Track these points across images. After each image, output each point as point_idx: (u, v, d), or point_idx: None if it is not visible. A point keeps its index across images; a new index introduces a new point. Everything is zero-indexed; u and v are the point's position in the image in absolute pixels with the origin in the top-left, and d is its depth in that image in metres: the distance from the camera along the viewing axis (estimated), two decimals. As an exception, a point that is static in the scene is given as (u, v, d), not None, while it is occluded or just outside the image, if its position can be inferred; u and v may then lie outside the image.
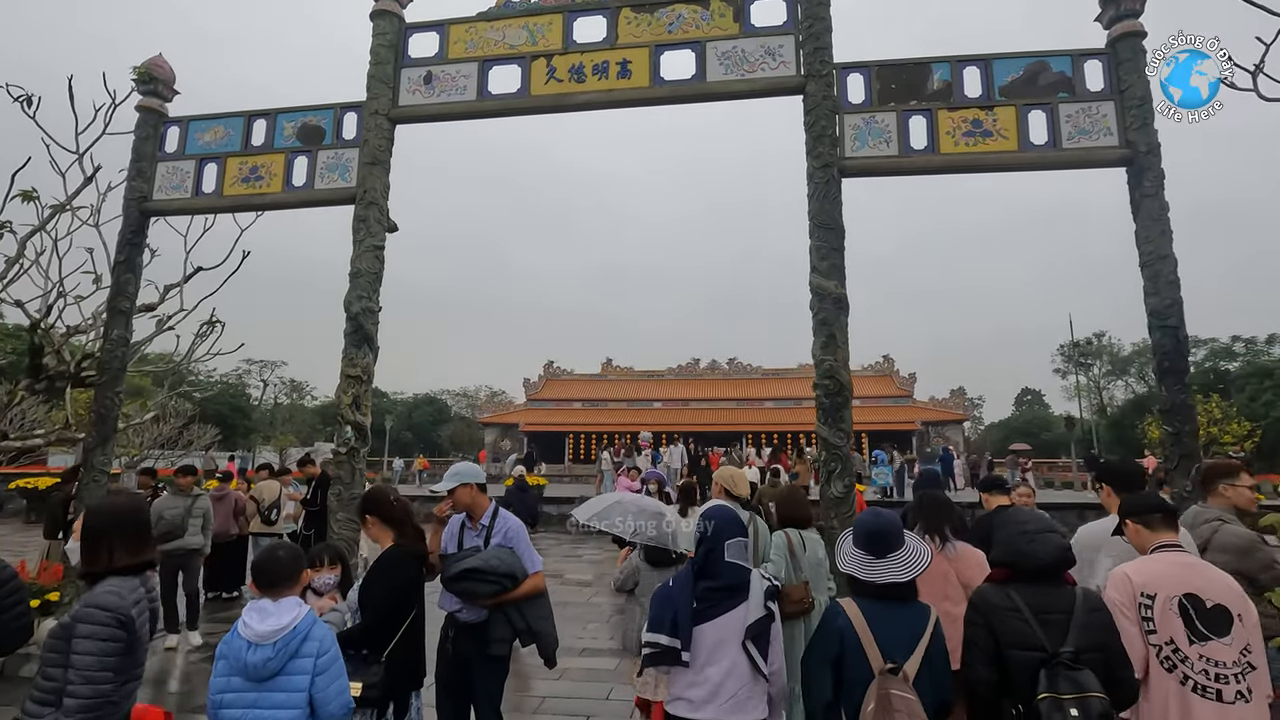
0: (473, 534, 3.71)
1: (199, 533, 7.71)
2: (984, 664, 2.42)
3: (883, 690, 2.24)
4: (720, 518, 2.82)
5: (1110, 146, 5.84)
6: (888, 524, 2.58)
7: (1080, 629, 2.28)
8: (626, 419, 45.52)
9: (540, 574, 3.69)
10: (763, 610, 2.64)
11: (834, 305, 5.79)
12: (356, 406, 6.31)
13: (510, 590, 3.48)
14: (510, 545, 3.64)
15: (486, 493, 3.86)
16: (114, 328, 7.04)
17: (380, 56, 6.92)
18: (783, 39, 6.40)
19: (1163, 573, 2.56)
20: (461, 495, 3.73)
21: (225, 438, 39.84)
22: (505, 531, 3.68)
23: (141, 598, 2.44)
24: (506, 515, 3.76)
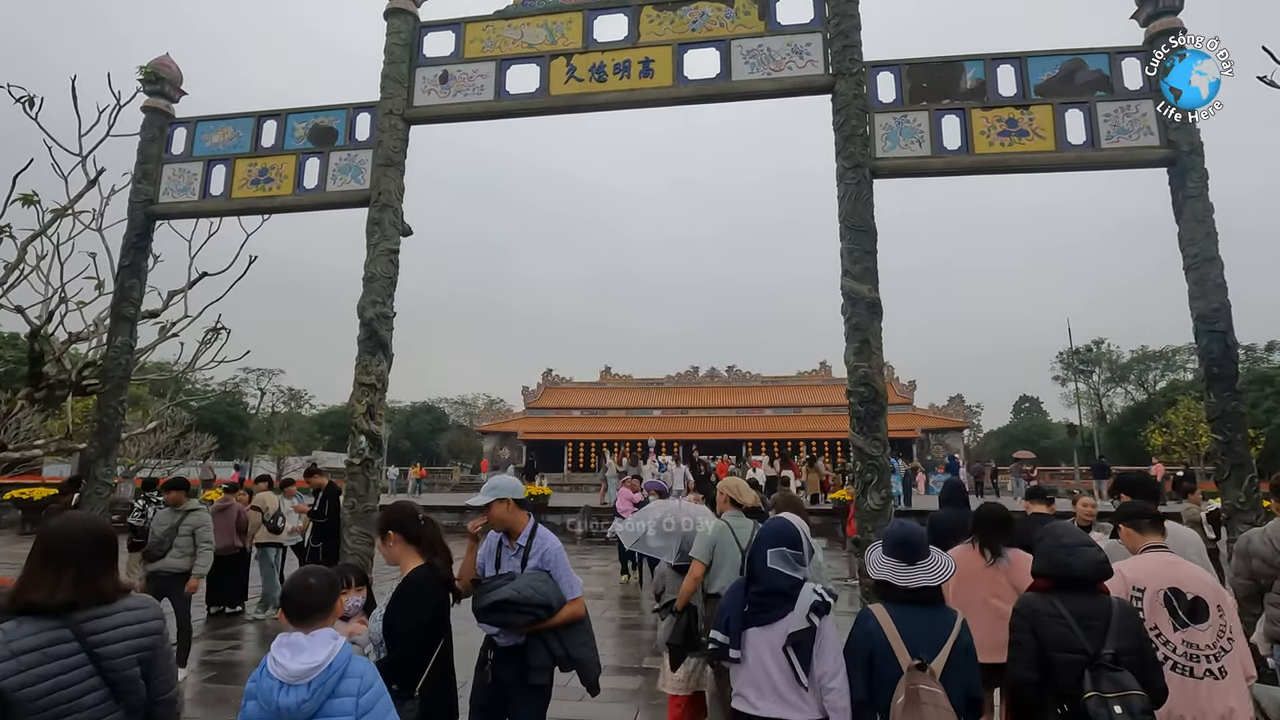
0: (510, 554, 3.46)
1: (184, 554, 6.39)
2: (1028, 665, 2.59)
3: (911, 685, 2.41)
4: (766, 530, 2.99)
5: (1151, 146, 5.67)
6: (916, 534, 2.76)
7: (1117, 634, 2.46)
8: (626, 427, 45.32)
9: (579, 600, 3.43)
10: (804, 623, 2.72)
11: (867, 310, 5.60)
12: (371, 415, 6.09)
13: (546, 620, 3.25)
14: (547, 569, 3.38)
15: (527, 508, 3.59)
16: (118, 334, 6.81)
17: (395, 55, 6.74)
18: (810, 37, 6.24)
19: (1151, 570, 2.96)
20: (498, 511, 3.44)
21: (222, 447, 39.47)
22: (543, 554, 3.42)
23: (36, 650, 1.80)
24: (545, 535, 3.51)
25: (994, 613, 3.71)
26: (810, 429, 44.47)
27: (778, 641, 2.73)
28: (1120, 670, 2.39)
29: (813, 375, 53.02)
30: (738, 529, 4.41)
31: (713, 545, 4.38)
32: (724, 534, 4.40)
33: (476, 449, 52.94)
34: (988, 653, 3.41)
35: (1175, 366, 59.47)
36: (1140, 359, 61.31)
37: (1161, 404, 50.68)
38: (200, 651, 7.32)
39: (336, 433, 61.11)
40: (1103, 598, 2.58)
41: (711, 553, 4.35)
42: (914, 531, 2.77)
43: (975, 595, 3.82)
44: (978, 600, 3.82)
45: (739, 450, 40.12)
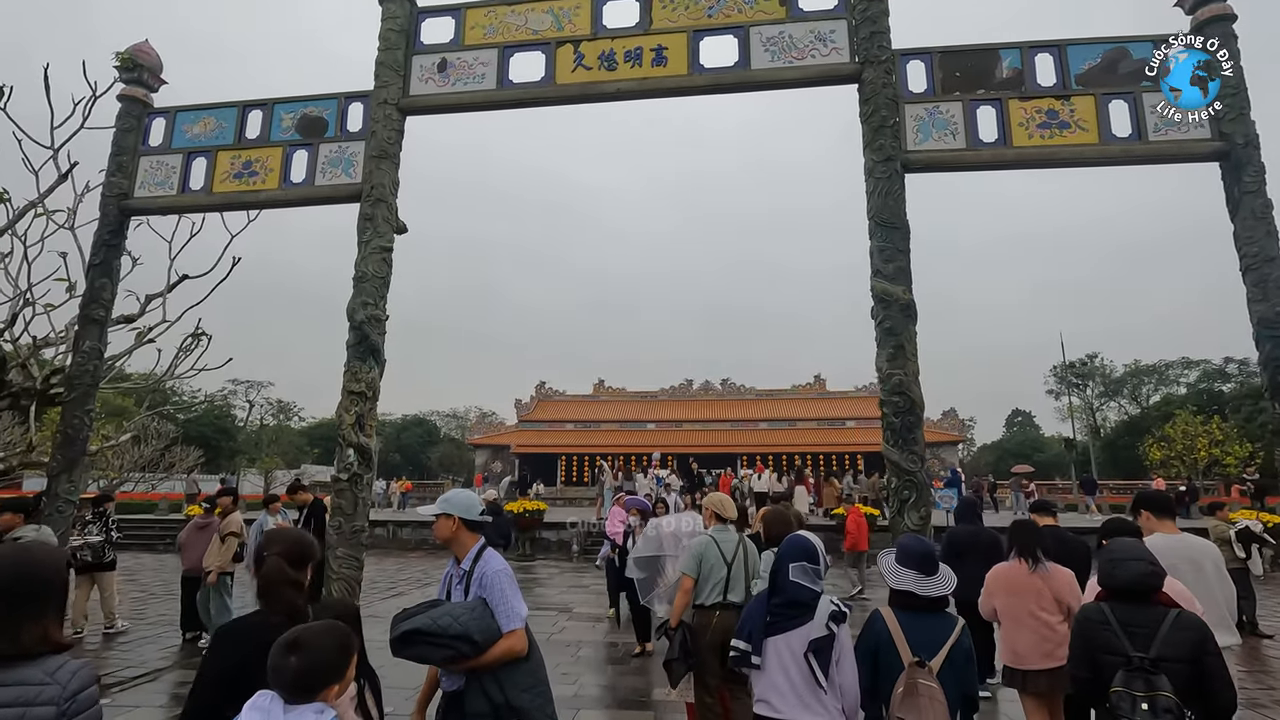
0: (457, 580, 3.03)
1: None
2: (1078, 665, 2.88)
3: (910, 679, 2.74)
4: (787, 545, 3.16)
5: (1202, 139, 5.30)
6: (931, 548, 3.08)
7: (1164, 642, 2.65)
8: (619, 440, 44.81)
9: (517, 633, 2.85)
10: (824, 630, 2.92)
11: (901, 312, 5.17)
12: (360, 427, 5.59)
13: (472, 656, 2.75)
14: (484, 594, 2.89)
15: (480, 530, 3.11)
16: (86, 338, 6.29)
17: (390, 41, 6.32)
18: (834, 24, 5.87)
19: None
20: (440, 528, 3.03)
21: (209, 460, 38.63)
22: (481, 577, 2.95)
23: None
24: (489, 557, 3.03)
25: (1041, 624, 4.15)
26: (805, 442, 44.13)
27: (798, 648, 2.93)
28: (1158, 674, 2.58)
29: (806, 389, 52.77)
30: (723, 542, 4.58)
31: (699, 559, 4.54)
32: (709, 548, 4.56)
33: (469, 462, 52.21)
34: (1037, 660, 4.17)
35: (1168, 381, 59.55)
36: (1134, 373, 61.35)
37: (1156, 418, 50.60)
38: (172, 683, 6.76)
39: (326, 446, 60.21)
40: (1158, 608, 2.77)
41: (699, 566, 4.53)
42: (930, 546, 3.11)
43: (1024, 608, 4.20)
44: (1026, 613, 4.18)
45: (734, 463, 39.68)
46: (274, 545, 2.42)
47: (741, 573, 4.56)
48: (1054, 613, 4.11)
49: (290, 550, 2.41)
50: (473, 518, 3.07)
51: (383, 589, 12.62)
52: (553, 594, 11.80)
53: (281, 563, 2.34)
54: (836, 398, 50.72)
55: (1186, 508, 25.19)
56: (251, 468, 45.79)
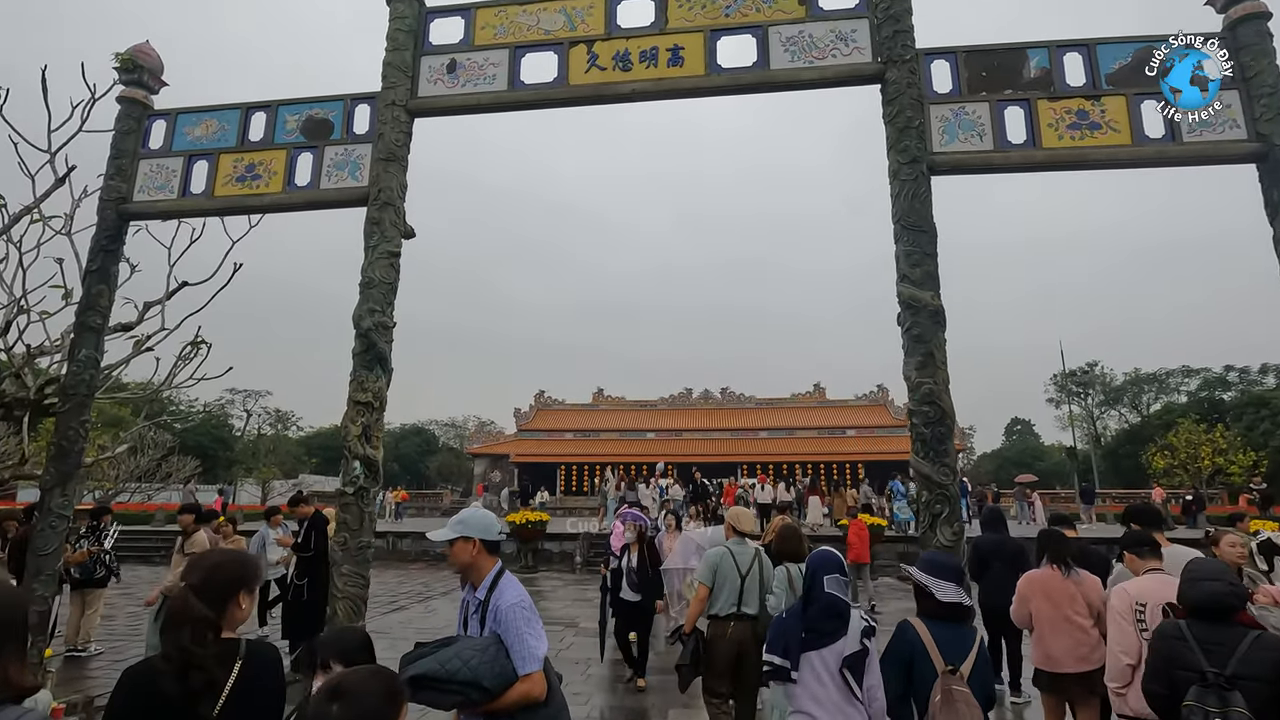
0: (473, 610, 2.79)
1: None
2: (1154, 680, 2.92)
3: (945, 686, 2.88)
4: (818, 559, 3.32)
5: (1238, 140, 5.14)
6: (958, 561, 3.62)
7: (1242, 661, 2.67)
8: (619, 450, 44.57)
9: (534, 677, 2.62)
10: (858, 645, 3.10)
11: (930, 319, 4.98)
12: (366, 438, 5.38)
13: (484, 702, 2.52)
14: (499, 631, 2.67)
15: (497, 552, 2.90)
16: (81, 346, 6.07)
17: (398, 42, 6.15)
18: (855, 23, 5.71)
19: (1151, 588, 3.55)
20: (458, 553, 2.81)
21: (206, 470, 38.27)
22: (496, 611, 2.71)
23: None
24: (506, 585, 2.80)
25: (1076, 628, 4.32)
26: (805, 451, 43.94)
27: (833, 662, 3.09)
28: (1232, 691, 2.60)
29: (806, 397, 52.62)
30: (739, 555, 4.77)
31: (714, 569, 4.72)
32: (725, 559, 4.76)
33: (467, 472, 51.89)
34: (1072, 664, 4.31)
35: (1169, 389, 59.44)
36: (1134, 381, 61.23)
37: (1158, 426, 50.44)
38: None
39: (324, 455, 59.84)
40: (1238, 627, 2.80)
41: (714, 577, 4.71)
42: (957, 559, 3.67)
43: (1059, 613, 4.36)
44: (1060, 618, 4.34)
45: (734, 472, 39.44)
46: (191, 572, 2.10)
47: (756, 585, 4.70)
48: (1086, 617, 4.27)
49: (207, 579, 2.05)
50: (493, 538, 2.86)
51: (383, 603, 12.36)
52: (558, 608, 11.54)
53: (188, 595, 2.00)
54: (836, 406, 50.55)
55: (1194, 517, 24.96)
56: (249, 478, 45.39)
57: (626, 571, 7.27)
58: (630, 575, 7.23)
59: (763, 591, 4.72)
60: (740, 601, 4.65)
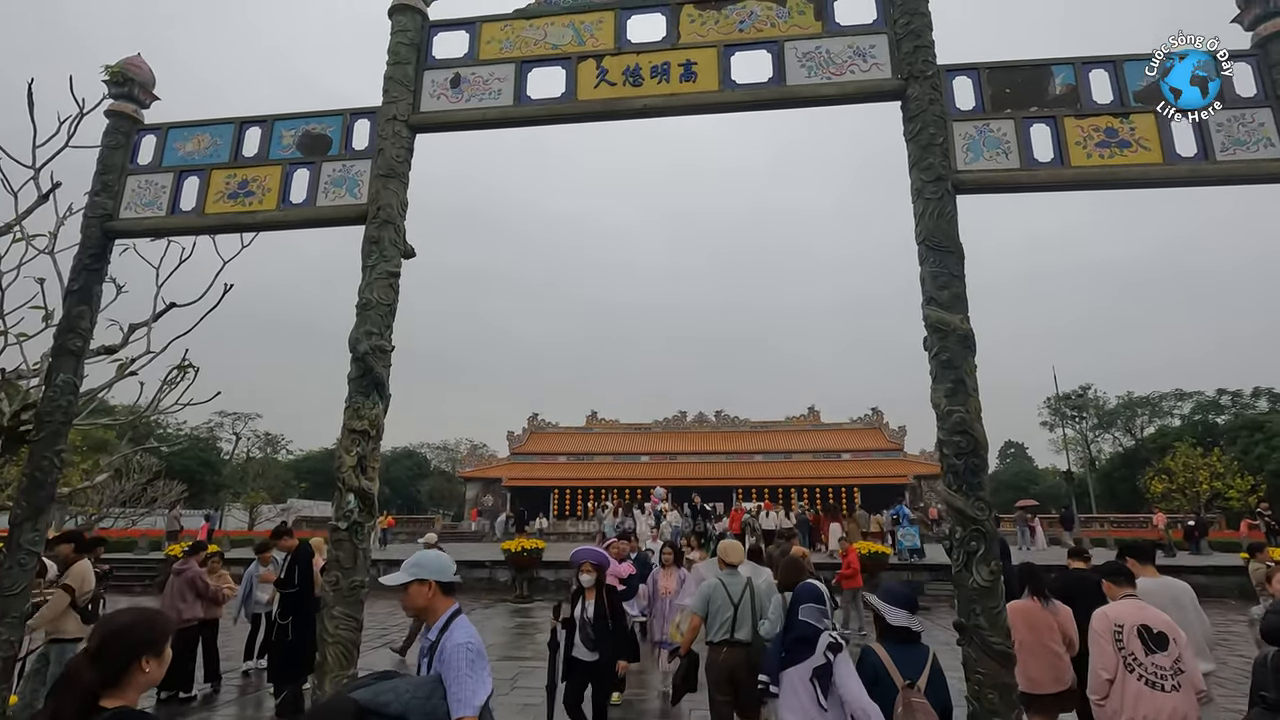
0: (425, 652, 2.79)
1: None
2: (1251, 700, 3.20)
3: (905, 699, 3.36)
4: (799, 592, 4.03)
5: (1274, 159, 4.96)
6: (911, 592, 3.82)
7: None
8: (613, 473, 44.13)
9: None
10: (822, 659, 3.67)
11: (959, 343, 4.73)
12: (362, 469, 5.04)
13: None
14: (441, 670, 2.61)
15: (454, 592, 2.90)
16: (60, 371, 5.72)
17: (400, 55, 5.94)
18: (874, 38, 5.54)
19: (1127, 612, 3.95)
20: (414, 596, 2.80)
21: (192, 494, 37.50)
22: (442, 651, 2.68)
23: None
24: (456, 627, 2.76)
25: (1053, 654, 4.78)
26: (801, 475, 43.63)
27: (805, 675, 3.73)
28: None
29: (801, 420, 52.41)
30: (730, 585, 5.13)
31: (707, 600, 5.11)
32: (718, 590, 5.13)
33: (459, 495, 51.19)
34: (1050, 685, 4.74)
35: (1162, 413, 59.58)
36: (1127, 405, 61.36)
37: (1152, 450, 50.43)
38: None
39: (314, 479, 58.91)
40: None
41: (706, 606, 5.08)
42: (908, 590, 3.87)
43: (1039, 640, 4.76)
44: (1040, 644, 4.75)
45: (729, 496, 39.04)
46: (93, 634, 1.95)
47: (748, 613, 4.97)
48: (1061, 644, 4.72)
49: (105, 644, 1.88)
50: (448, 579, 2.83)
51: (372, 637, 11.86)
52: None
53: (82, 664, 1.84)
54: (831, 429, 50.33)
55: (1196, 543, 24.67)
56: (236, 502, 44.52)
57: (581, 624, 5.76)
58: (585, 628, 5.72)
59: (755, 618, 4.98)
60: (734, 628, 4.95)
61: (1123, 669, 3.72)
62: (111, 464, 12.98)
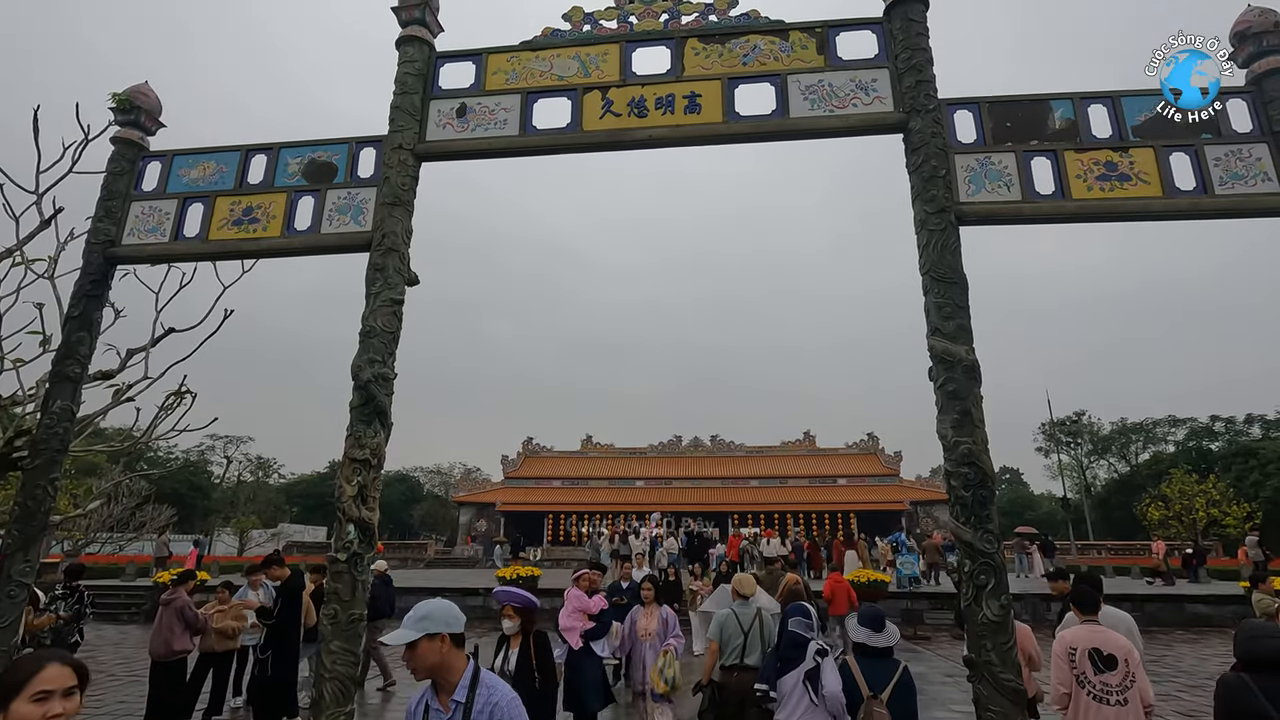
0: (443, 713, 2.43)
1: None
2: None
3: (868, 709, 3.91)
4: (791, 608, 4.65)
5: (1271, 194, 5.03)
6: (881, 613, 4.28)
7: None
8: (608, 498, 43.79)
9: None
10: (811, 663, 4.18)
11: (965, 374, 4.73)
12: (362, 500, 4.98)
13: None
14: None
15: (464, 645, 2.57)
16: (57, 397, 5.66)
17: (407, 85, 5.99)
18: (876, 72, 5.63)
19: (1082, 636, 4.32)
20: (425, 655, 2.43)
21: (182, 519, 36.98)
22: (492, 710, 2.41)
23: None
24: (493, 683, 2.51)
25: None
26: (797, 501, 43.36)
27: (799, 679, 4.19)
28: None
29: (796, 445, 52.24)
30: (742, 615, 5.47)
31: (721, 628, 5.46)
32: (730, 619, 5.46)
33: (452, 521, 50.64)
34: None
35: (1157, 439, 59.63)
36: (1121, 431, 61.41)
37: (1148, 476, 50.41)
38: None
39: (305, 504, 58.28)
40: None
41: (720, 634, 5.43)
42: (880, 612, 4.28)
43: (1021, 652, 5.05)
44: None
45: (725, 521, 38.74)
46: None
47: (758, 639, 5.33)
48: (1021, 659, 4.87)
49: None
50: (460, 630, 2.50)
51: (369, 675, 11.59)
52: (552, 673, 10.86)
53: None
54: (827, 454, 50.16)
55: (1194, 571, 24.49)
56: (226, 527, 43.92)
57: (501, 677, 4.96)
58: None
59: (764, 645, 5.31)
60: (744, 653, 5.28)
61: (1076, 685, 4.15)
62: (103, 491, 12.77)
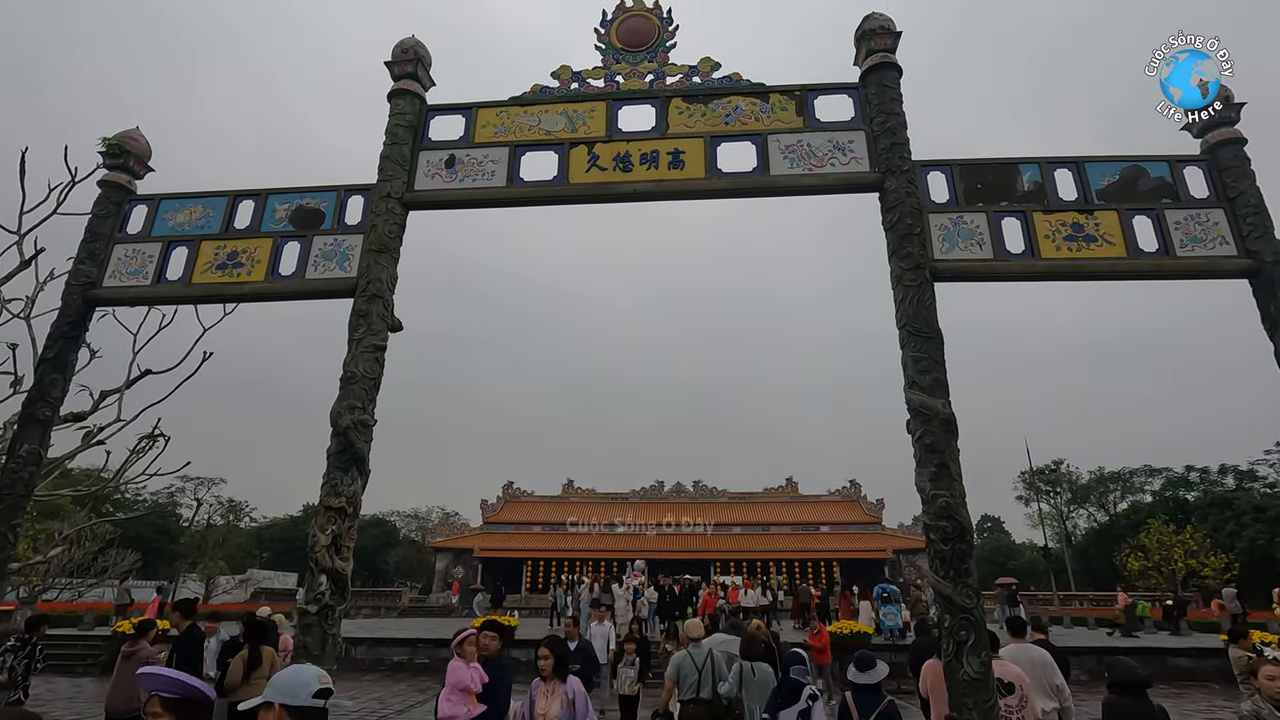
0: None
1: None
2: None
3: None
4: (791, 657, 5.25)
5: (1230, 256, 5.25)
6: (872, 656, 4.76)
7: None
8: (589, 545, 43.05)
9: None
10: (804, 704, 4.84)
11: (942, 428, 4.80)
12: (336, 549, 4.88)
13: None
14: None
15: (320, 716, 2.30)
16: (25, 440, 5.54)
17: (397, 137, 6.13)
18: (853, 134, 5.86)
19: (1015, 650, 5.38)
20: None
21: (146, 564, 35.70)
22: None
23: None
24: None
25: None
26: (780, 548, 42.89)
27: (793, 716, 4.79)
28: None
29: (779, 491, 51.98)
30: (696, 657, 6.09)
31: (678, 668, 6.03)
32: (685, 660, 6.06)
33: (429, 567, 49.41)
34: None
35: (1134, 488, 60.19)
36: (1099, 480, 61.94)
37: (1126, 526, 50.66)
38: None
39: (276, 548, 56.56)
40: (1152, 702, 4.22)
41: (677, 673, 6.02)
42: (871, 655, 4.76)
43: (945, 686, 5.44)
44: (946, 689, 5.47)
45: (708, 570, 38.19)
46: None
47: (710, 677, 5.93)
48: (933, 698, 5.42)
49: None
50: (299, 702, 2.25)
51: None
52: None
53: None
54: (809, 501, 49.92)
55: (1175, 623, 24.39)
56: (193, 573, 42.44)
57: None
58: None
59: (715, 681, 5.93)
60: (698, 689, 5.90)
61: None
62: (66, 536, 12.35)
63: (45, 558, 10.17)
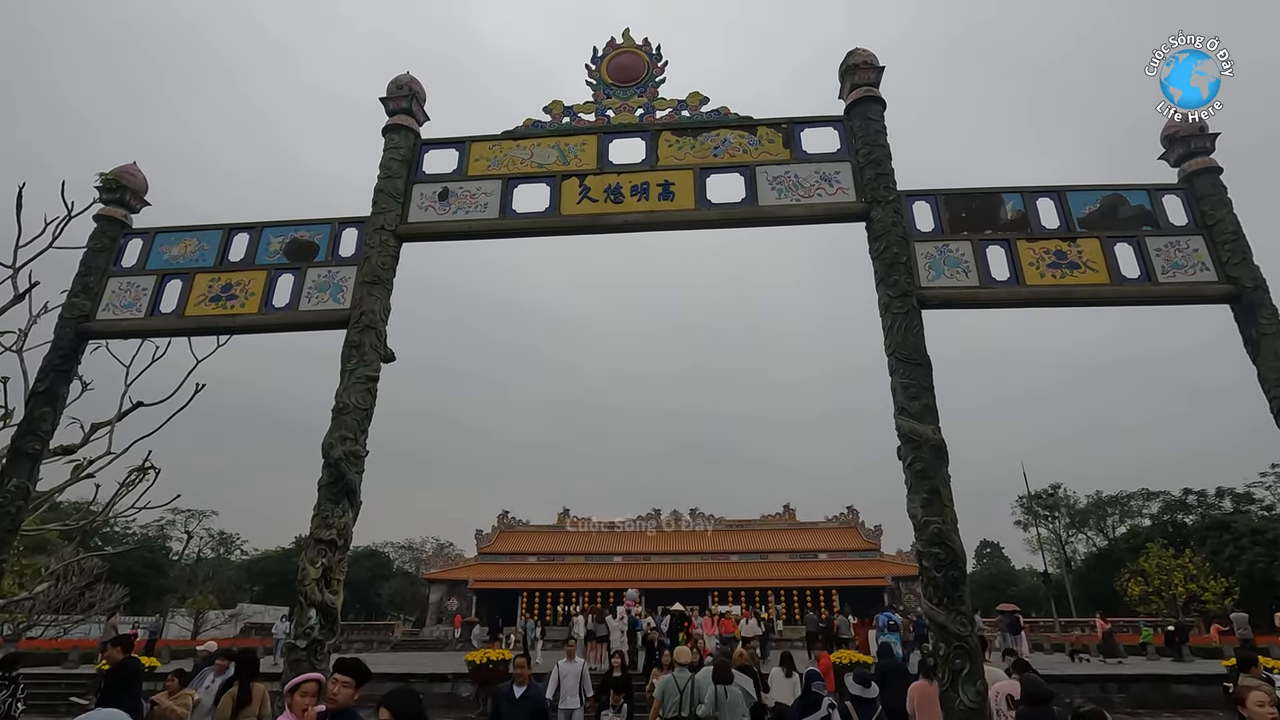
0: None
1: None
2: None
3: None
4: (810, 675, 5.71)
5: (1210, 282, 5.34)
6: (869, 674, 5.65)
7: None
8: (585, 575, 42.49)
9: None
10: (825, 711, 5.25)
11: (933, 454, 4.83)
12: (326, 582, 4.84)
13: None
14: None
15: None
16: (13, 475, 5.51)
17: (391, 170, 6.22)
18: (839, 165, 5.98)
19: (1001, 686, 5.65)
20: None
21: (134, 599, 35.07)
22: None
23: None
24: None
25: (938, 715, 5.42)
26: (777, 576, 42.39)
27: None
28: None
29: (776, 519, 51.54)
30: (679, 680, 6.46)
31: (663, 690, 6.50)
32: (669, 683, 6.48)
33: (422, 599, 48.67)
34: None
35: (1132, 512, 59.95)
36: (1097, 504, 61.71)
37: (1125, 550, 50.36)
38: None
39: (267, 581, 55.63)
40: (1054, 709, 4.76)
41: (662, 695, 6.48)
42: (868, 673, 5.68)
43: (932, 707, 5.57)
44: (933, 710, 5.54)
45: (705, 599, 37.71)
46: None
47: (690, 698, 6.35)
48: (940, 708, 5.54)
49: None
50: None
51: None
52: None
53: None
54: (807, 528, 49.48)
55: (1178, 649, 24.11)
56: (181, 608, 41.67)
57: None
58: None
59: (694, 703, 6.34)
60: (680, 709, 6.33)
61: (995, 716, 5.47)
62: (54, 571, 12.15)
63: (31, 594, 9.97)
